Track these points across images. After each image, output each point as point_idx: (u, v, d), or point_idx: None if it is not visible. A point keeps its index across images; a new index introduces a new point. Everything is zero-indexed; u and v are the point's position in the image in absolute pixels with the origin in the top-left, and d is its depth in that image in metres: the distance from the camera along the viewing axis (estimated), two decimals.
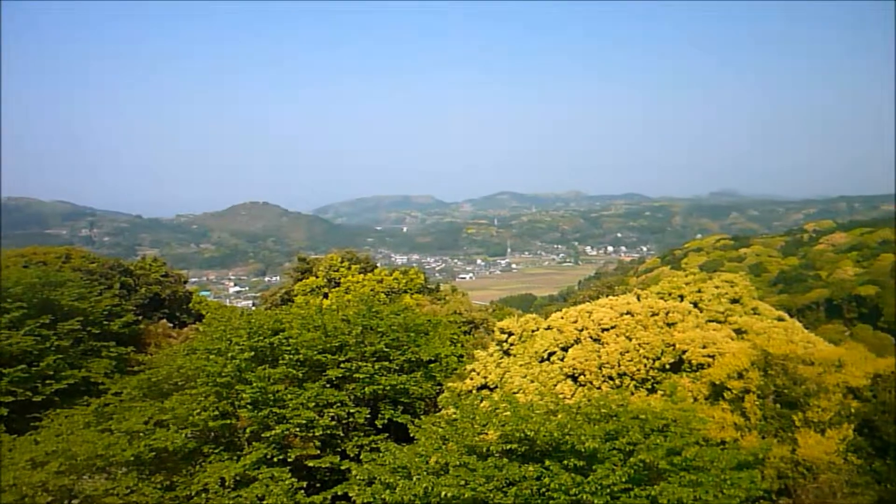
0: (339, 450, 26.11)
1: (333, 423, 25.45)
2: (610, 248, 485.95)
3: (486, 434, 20.01)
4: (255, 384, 24.66)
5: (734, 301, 27.70)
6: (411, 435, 22.42)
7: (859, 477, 19.20)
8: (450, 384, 27.64)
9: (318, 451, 25.20)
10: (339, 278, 57.30)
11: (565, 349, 25.12)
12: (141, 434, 24.63)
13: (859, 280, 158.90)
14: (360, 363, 26.97)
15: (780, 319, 27.69)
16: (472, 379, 27.28)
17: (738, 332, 25.64)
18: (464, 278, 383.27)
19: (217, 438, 26.35)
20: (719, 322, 26.23)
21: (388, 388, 26.85)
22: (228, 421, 26.03)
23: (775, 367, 20.86)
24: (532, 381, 24.58)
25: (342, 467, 24.40)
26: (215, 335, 29.02)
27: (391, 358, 28.24)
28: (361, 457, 24.10)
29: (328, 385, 26.71)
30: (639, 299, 27.30)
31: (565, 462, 17.44)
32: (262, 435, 24.71)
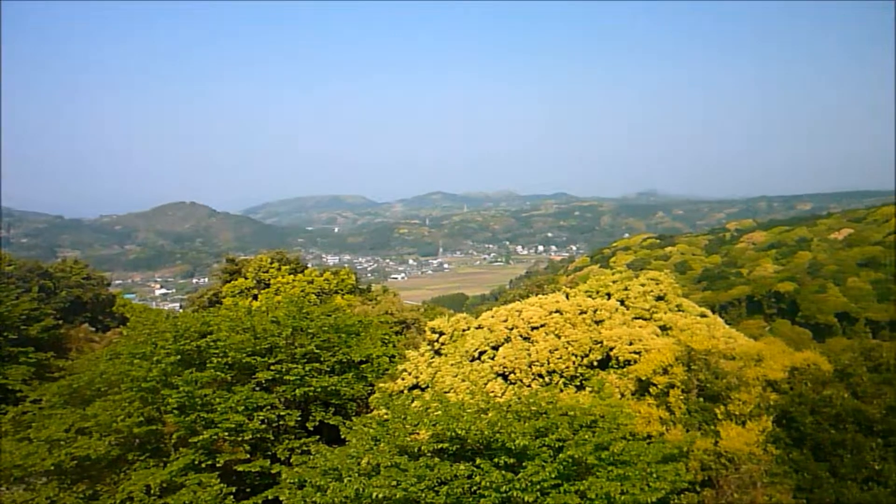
0: (269, 453, 25.79)
1: (263, 426, 25.11)
2: (541, 248, 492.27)
3: (418, 434, 20.05)
4: (181, 388, 24.16)
5: (659, 298, 28.36)
6: (343, 436, 22.31)
7: (778, 466, 19.90)
8: (381, 385, 27.58)
9: (248, 456, 24.85)
10: (269, 279, 56.48)
11: (496, 348, 25.32)
12: (62, 442, 23.85)
13: (778, 277, 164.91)
14: (290, 365, 26.68)
15: (703, 316, 28.47)
16: (403, 379, 27.26)
17: (663, 328, 26.27)
18: (396, 278, 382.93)
19: (142, 445, 25.68)
20: (645, 319, 26.82)
21: (319, 389, 26.64)
22: (154, 427, 25.43)
23: (698, 363, 21.44)
24: (463, 381, 24.69)
25: (272, 471, 24.14)
26: (140, 339, 28.31)
27: (322, 359, 28.04)
28: (292, 460, 23.90)
29: (258, 388, 26.37)
30: (568, 298, 27.72)
31: (496, 460, 17.63)
32: (190, 440, 24.22)
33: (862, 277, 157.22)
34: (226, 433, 24.24)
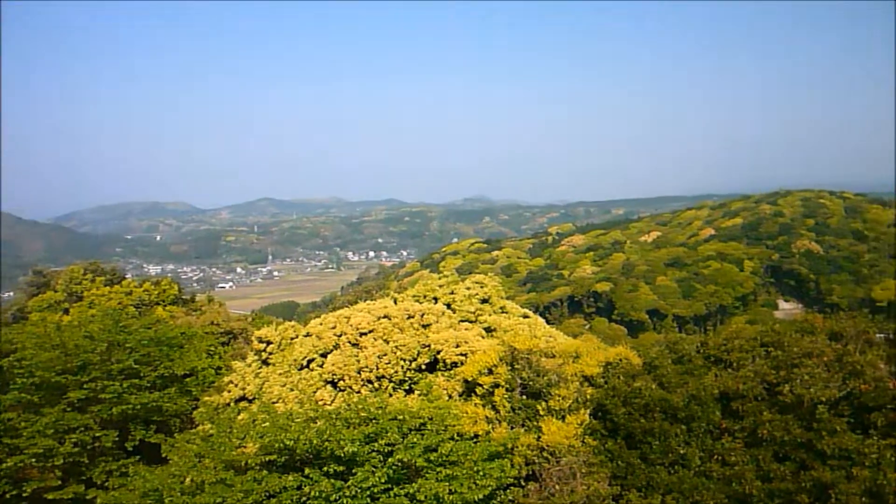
0: (84, 478, 24.21)
1: (76, 449, 23.53)
2: (371, 254, 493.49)
3: (245, 447, 19.56)
4: None
5: (484, 301, 29.25)
6: (164, 455, 21.34)
7: (595, 457, 21.06)
8: (206, 398, 26.63)
9: (60, 482, 23.23)
10: (82, 292, 53.04)
11: (325, 355, 25.12)
12: None
13: (596, 277, 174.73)
14: (106, 382, 25.14)
15: (526, 317, 29.65)
16: (229, 391, 26.44)
17: (488, 330, 27.11)
18: (223, 287, 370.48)
19: None
20: (471, 321, 27.56)
21: (138, 406, 25.30)
22: None
23: (521, 362, 22.28)
24: (292, 390, 24.31)
25: (88, 496, 22.67)
26: None
27: (142, 374, 26.68)
28: (109, 483, 22.56)
29: (70, 408, 24.67)
30: (395, 303, 27.95)
31: (326, 468, 17.53)
32: None
33: (669, 276, 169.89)
34: (33, 459, 22.53)
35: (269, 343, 27.82)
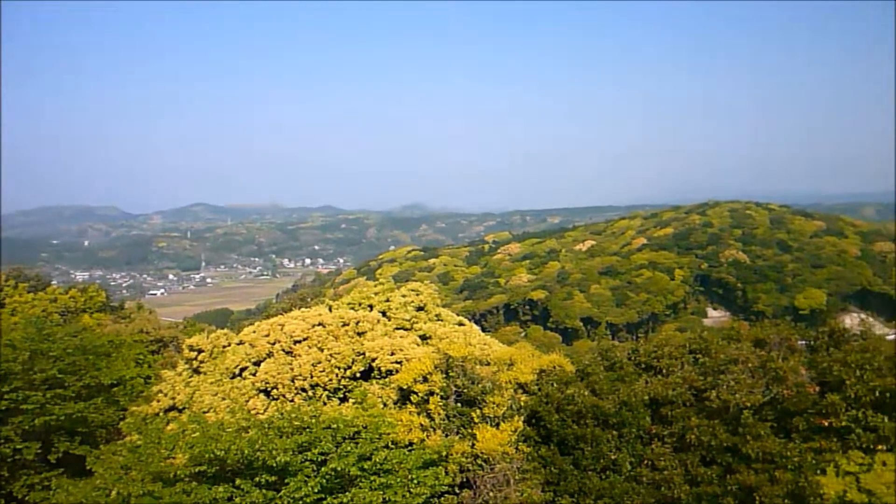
0: (3, 492, 23.34)
1: None
2: (308, 261, 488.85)
3: (174, 458, 19.13)
4: None
5: (419, 309, 29.25)
6: (89, 467, 20.73)
7: (528, 463, 21.28)
8: (134, 408, 25.95)
9: None
10: (4, 299, 51.18)
11: (258, 363, 24.76)
12: None
13: (532, 285, 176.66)
14: (28, 392, 24.26)
15: (461, 324, 29.78)
16: (158, 401, 25.80)
17: (423, 337, 27.10)
18: (154, 294, 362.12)
19: None
20: (406, 329, 27.52)
21: (62, 417, 24.49)
22: None
23: (456, 369, 22.35)
24: (223, 399, 23.87)
25: None
26: None
27: (66, 384, 25.84)
28: (30, 498, 21.86)
29: None
30: (330, 310, 27.75)
31: (257, 479, 17.27)
32: None
33: (602, 284, 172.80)
34: None
35: (200, 351, 27.26)
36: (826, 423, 19.01)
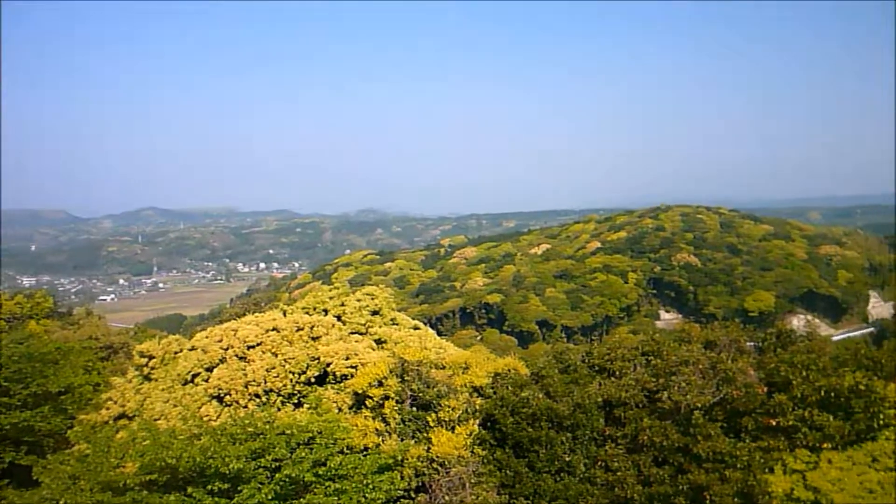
0: None
1: None
2: (262, 265, 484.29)
3: (124, 467, 18.76)
4: None
5: (375, 313, 29.14)
6: (36, 477, 20.21)
7: (484, 466, 21.37)
8: (83, 416, 25.41)
9: None
10: None
11: (210, 369, 24.41)
12: None
13: (487, 289, 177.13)
14: None
15: (416, 328, 29.76)
16: (108, 409, 25.31)
17: (379, 342, 27.03)
18: (104, 300, 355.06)
19: None
20: (361, 334, 27.41)
21: (7, 426, 23.99)
22: None
23: (411, 373, 22.34)
24: (175, 406, 23.49)
25: None
26: None
27: (12, 392, 25.33)
28: None
29: None
30: (285, 315, 27.50)
31: (210, 486, 17.02)
32: None
33: (558, 288, 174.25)
34: None
35: (151, 357, 26.83)
36: (774, 423, 19.47)
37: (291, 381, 23.62)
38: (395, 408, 21.89)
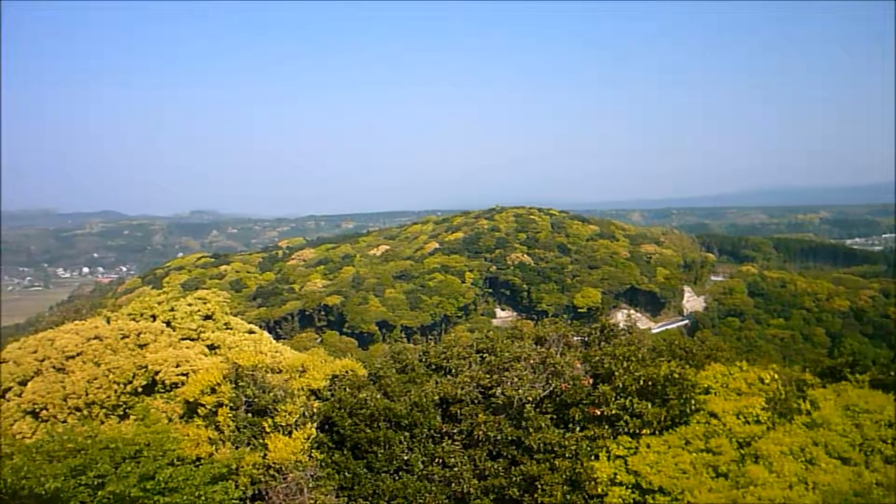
0: None
1: None
2: (86, 270, 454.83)
3: None
4: None
5: (207, 318, 28.13)
6: None
7: (322, 470, 21.19)
8: None
9: None
10: None
11: (23, 383, 22.70)
12: None
13: (327, 291, 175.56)
14: None
15: (251, 332, 29.00)
16: None
17: (212, 347, 26.13)
18: None
19: None
20: (193, 339, 26.39)
21: None
22: None
23: (246, 379, 21.78)
24: None
25: None
26: None
27: None
28: None
29: None
30: (109, 322, 26.03)
31: None
32: None
33: (397, 288, 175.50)
34: None
35: None
36: (598, 413, 20.56)
37: (116, 391, 22.41)
38: (230, 415, 21.27)
